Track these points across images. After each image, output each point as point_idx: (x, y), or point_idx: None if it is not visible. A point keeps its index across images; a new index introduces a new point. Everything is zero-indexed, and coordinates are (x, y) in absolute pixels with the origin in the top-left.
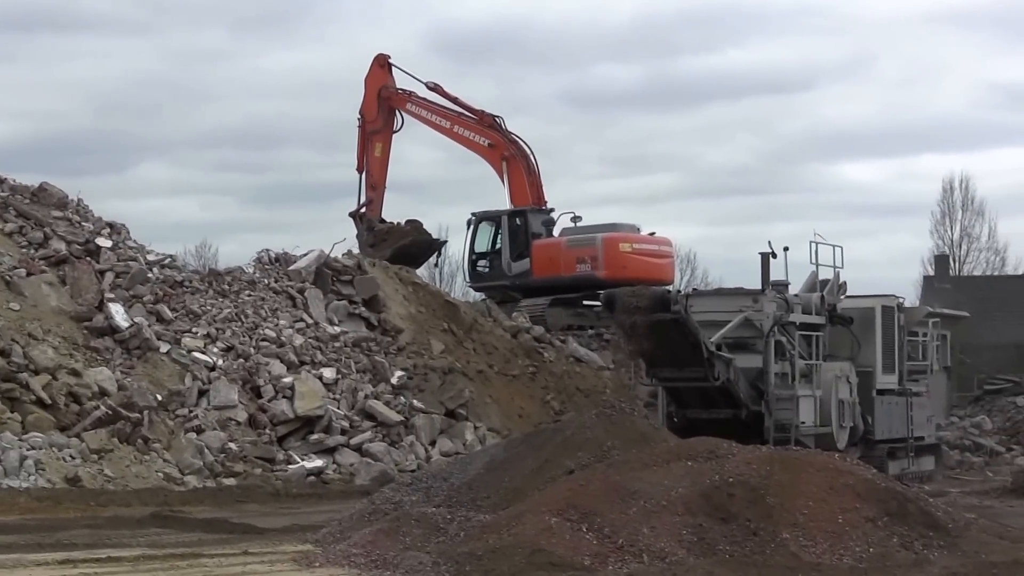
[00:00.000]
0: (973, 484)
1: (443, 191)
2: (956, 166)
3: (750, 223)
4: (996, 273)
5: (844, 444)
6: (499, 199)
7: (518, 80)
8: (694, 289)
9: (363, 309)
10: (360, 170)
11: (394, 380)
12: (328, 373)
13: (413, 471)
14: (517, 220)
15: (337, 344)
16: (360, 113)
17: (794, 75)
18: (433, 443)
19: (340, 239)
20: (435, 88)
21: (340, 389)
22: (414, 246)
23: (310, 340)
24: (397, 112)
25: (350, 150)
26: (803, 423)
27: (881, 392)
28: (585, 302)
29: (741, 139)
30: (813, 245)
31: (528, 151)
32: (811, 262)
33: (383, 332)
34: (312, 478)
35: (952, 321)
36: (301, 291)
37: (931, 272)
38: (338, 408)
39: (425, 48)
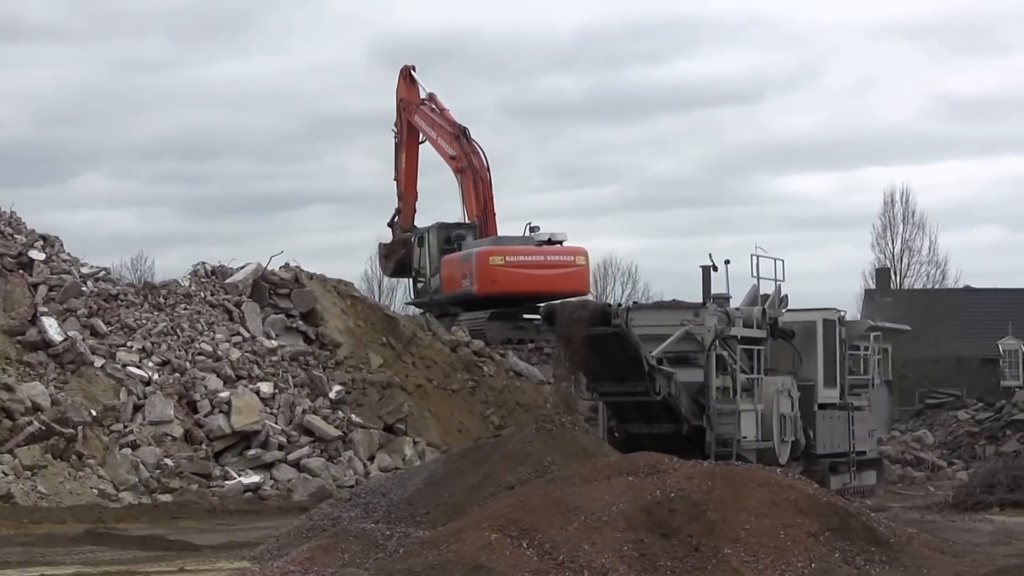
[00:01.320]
0: (915, 499)
1: (387, 203)
2: (900, 178)
3: (694, 235)
4: (937, 287)
5: (786, 459)
6: (450, 211)
7: (462, 91)
8: (635, 302)
9: (301, 323)
10: (396, 180)
11: (332, 395)
12: (265, 387)
13: (352, 487)
14: (437, 236)
15: (274, 358)
16: (394, 124)
17: (741, 86)
18: (372, 458)
19: (278, 251)
20: (430, 98)
21: (277, 404)
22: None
23: (247, 354)
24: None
25: (293, 161)
26: (745, 438)
27: (823, 406)
28: (525, 316)
29: (687, 151)
30: (754, 258)
31: (480, 164)
32: (752, 275)
33: (321, 346)
34: (249, 494)
35: (893, 335)
36: (238, 304)
37: (872, 285)
38: (275, 423)
39: (370, 58)
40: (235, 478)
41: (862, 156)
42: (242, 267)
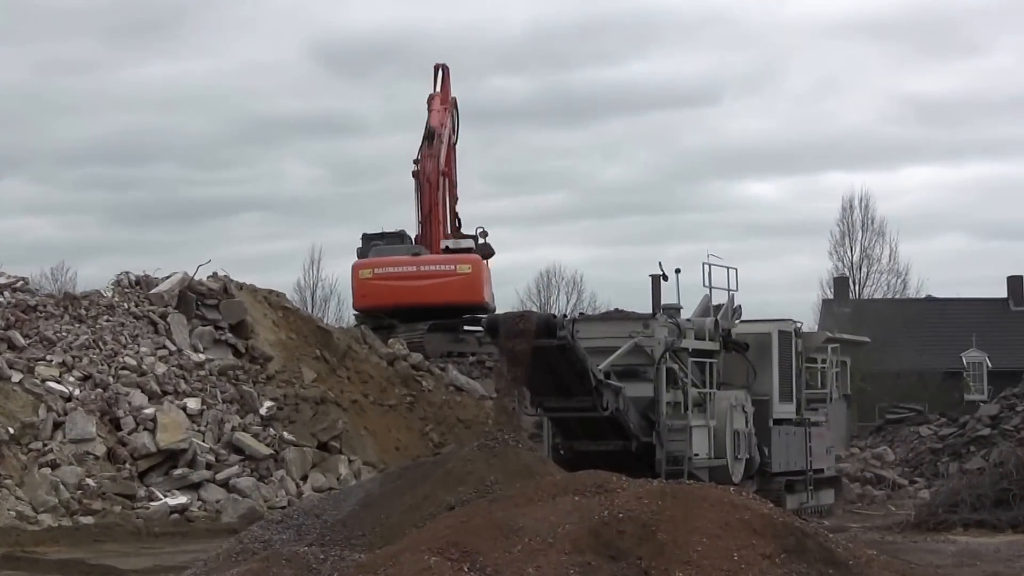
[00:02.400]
0: (875, 519)
1: (324, 210)
2: (862, 184)
3: (645, 243)
4: (897, 296)
5: (740, 477)
6: (386, 217)
7: (404, 92)
8: (581, 313)
9: (230, 335)
10: None
11: (263, 411)
12: (192, 404)
13: (283, 508)
14: (367, 243)
15: (202, 372)
16: None
17: (698, 88)
18: (305, 478)
19: (205, 260)
20: (429, 101)
21: (205, 421)
22: None
23: (173, 368)
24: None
25: (225, 166)
26: (696, 455)
27: (778, 422)
28: (466, 327)
29: (640, 156)
30: (706, 267)
31: (432, 167)
32: (704, 285)
33: (251, 360)
34: (175, 516)
35: (852, 347)
36: (163, 316)
37: (830, 295)
38: (203, 441)
39: (307, 58)
40: (161, 499)
41: (823, 161)
42: (168, 277)
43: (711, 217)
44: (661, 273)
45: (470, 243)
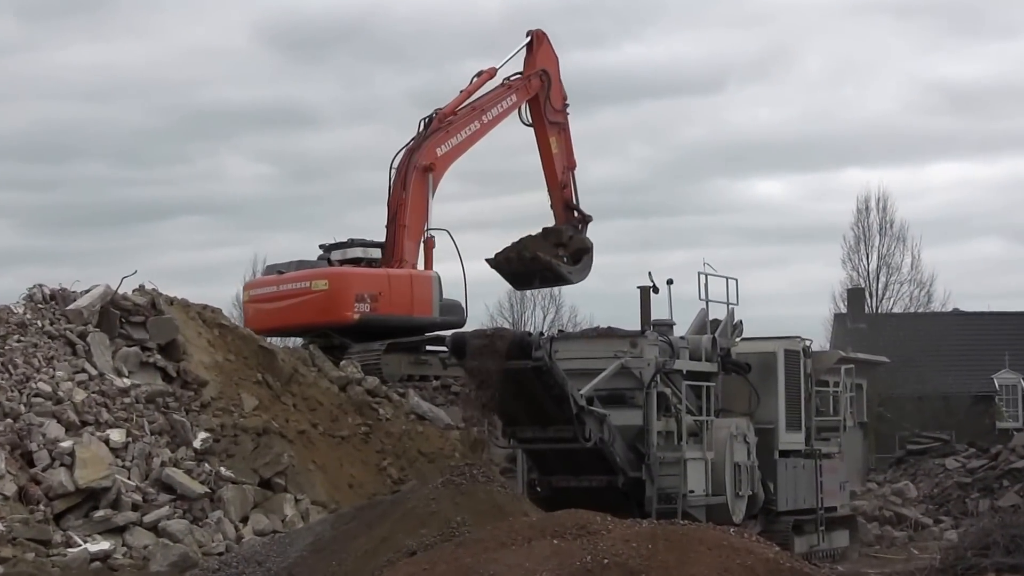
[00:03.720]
0: (895, 563)
1: (273, 213)
2: (879, 182)
3: (636, 250)
4: (920, 310)
5: (741, 517)
6: (346, 222)
7: (366, 79)
8: (560, 331)
9: (158, 357)
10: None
11: (197, 443)
12: (116, 435)
13: (221, 554)
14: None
15: (127, 400)
16: None
17: (700, 74)
18: (245, 520)
19: (131, 272)
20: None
21: (131, 455)
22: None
23: (94, 395)
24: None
25: (159, 163)
26: (692, 492)
27: (785, 454)
28: (429, 347)
29: (633, 150)
30: (703, 277)
31: (402, 162)
32: (700, 297)
33: (183, 385)
34: (97, 564)
35: (869, 368)
36: (83, 335)
37: (844, 309)
38: (128, 478)
39: (256, 42)
40: (80, 544)
41: (840, 156)
42: (88, 291)
43: (712, 220)
44: (651, 284)
45: (357, 252)
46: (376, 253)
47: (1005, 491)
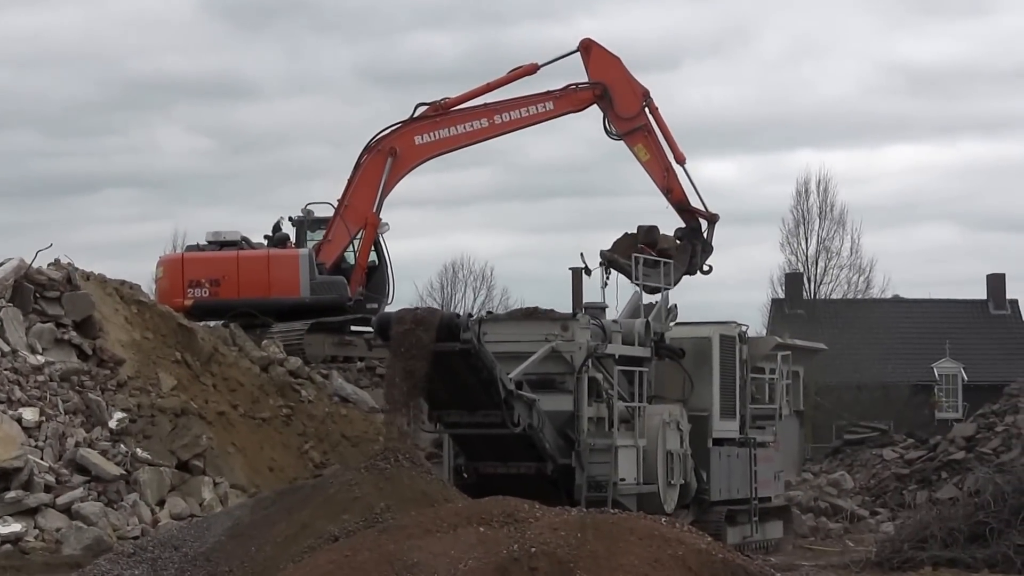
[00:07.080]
0: (830, 555)
1: (208, 187)
2: (821, 164)
3: (576, 230)
4: (859, 296)
5: (673, 506)
6: (283, 197)
7: (310, 52)
8: (489, 312)
9: (74, 334)
10: None
11: (112, 424)
12: (29, 414)
13: (136, 538)
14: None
15: (40, 378)
16: None
17: (653, 50)
18: (162, 503)
19: (47, 245)
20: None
21: (44, 435)
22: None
23: (6, 372)
24: None
25: (91, 134)
26: (623, 480)
27: (719, 442)
28: (354, 328)
29: (578, 128)
30: (637, 259)
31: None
32: (634, 280)
33: (99, 363)
34: (8, 546)
35: (806, 355)
36: None
37: (781, 294)
38: (41, 459)
39: (199, 12)
40: None
41: (793, 138)
42: (0, 264)
43: (656, 201)
44: (583, 266)
45: (236, 234)
46: (258, 238)
47: (943, 483)
